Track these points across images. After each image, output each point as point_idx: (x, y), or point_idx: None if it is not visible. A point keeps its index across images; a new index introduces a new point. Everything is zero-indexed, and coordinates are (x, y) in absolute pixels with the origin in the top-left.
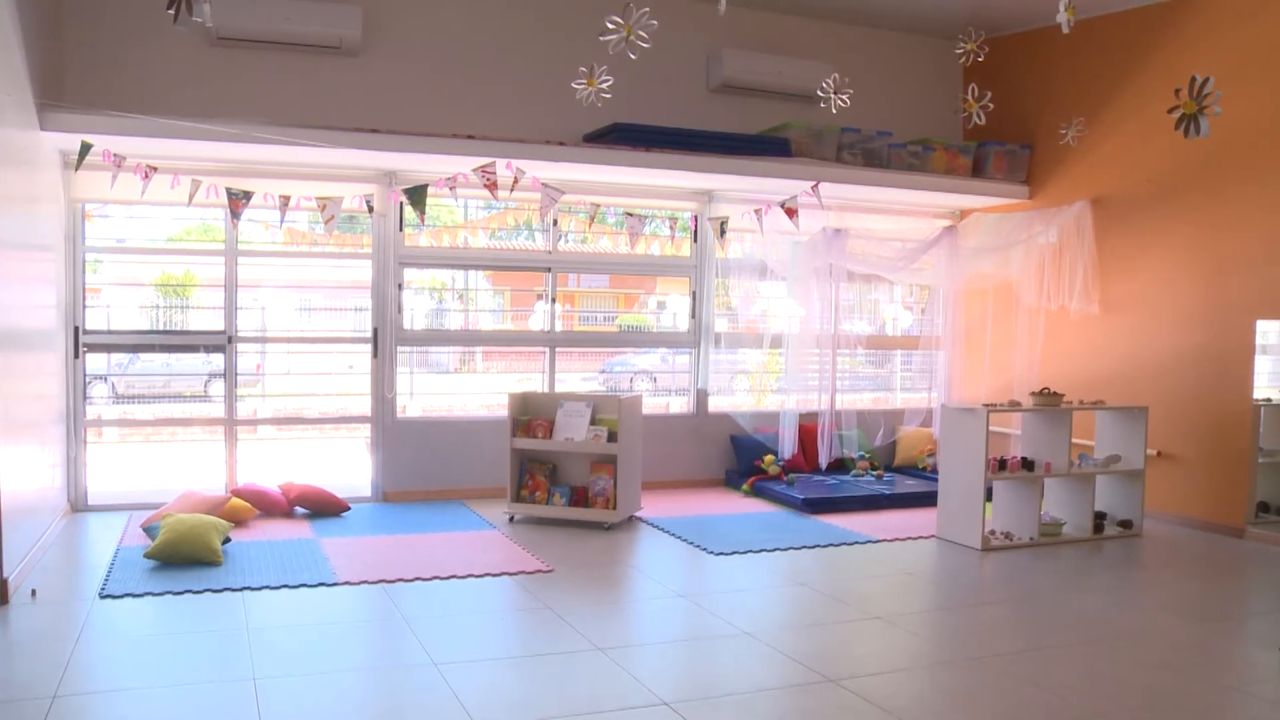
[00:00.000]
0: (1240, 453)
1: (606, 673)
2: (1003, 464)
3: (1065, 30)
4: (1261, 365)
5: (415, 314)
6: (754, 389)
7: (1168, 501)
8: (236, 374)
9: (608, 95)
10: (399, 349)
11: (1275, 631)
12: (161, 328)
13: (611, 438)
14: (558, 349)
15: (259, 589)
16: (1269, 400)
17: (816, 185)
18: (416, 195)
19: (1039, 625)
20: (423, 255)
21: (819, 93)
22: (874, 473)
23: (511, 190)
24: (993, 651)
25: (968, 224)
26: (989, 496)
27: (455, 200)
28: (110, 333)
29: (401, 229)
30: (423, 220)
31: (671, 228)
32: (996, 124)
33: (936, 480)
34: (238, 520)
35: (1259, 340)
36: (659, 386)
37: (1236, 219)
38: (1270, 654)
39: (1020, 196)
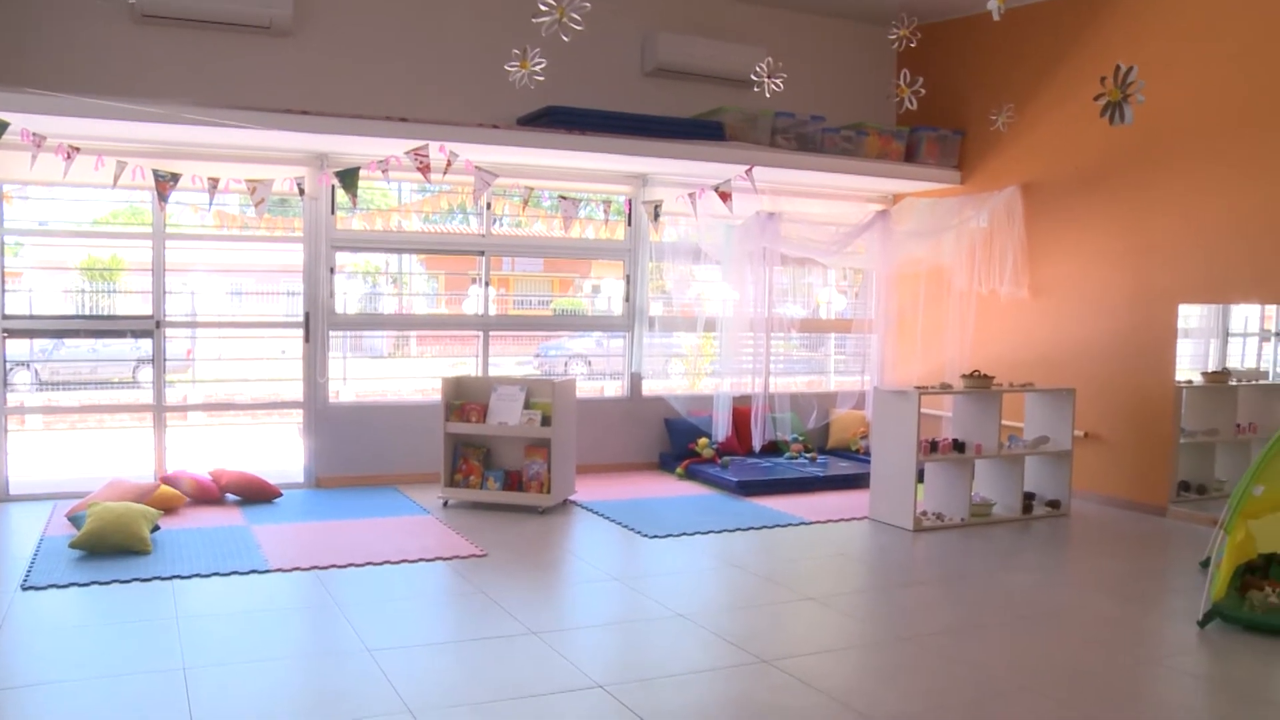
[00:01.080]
0: (1163, 434)
1: (541, 656)
2: (934, 446)
3: (996, 18)
4: (1183, 348)
5: (348, 298)
6: (688, 372)
7: (1094, 482)
8: (165, 360)
9: (541, 78)
10: (331, 333)
11: (1194, 607)
12: (87, 312)
13: (545, 421)
14: (492, 333)
15: (189, 577)
16: (1190, 382)
17: (750, 169)
18: (348, 178)
19: (969, 604)
20: (355, 239)
21: (753, 77)
22: (807, 455)
23: (445, 173)
24: (924, 631)
25: (900, 208)
26: (920, 478)
27: (388, 183)
28: (33, 318)
29: (334, 212)
30: (355, 203)
31: (606, 211)
32: (929, 110)
33: (869, 462)
34: (167, 508)
35: (1181, 324)
36: (594, 370)
37: (1160, 205)
38: (1190, 628)
39: (952, 181)
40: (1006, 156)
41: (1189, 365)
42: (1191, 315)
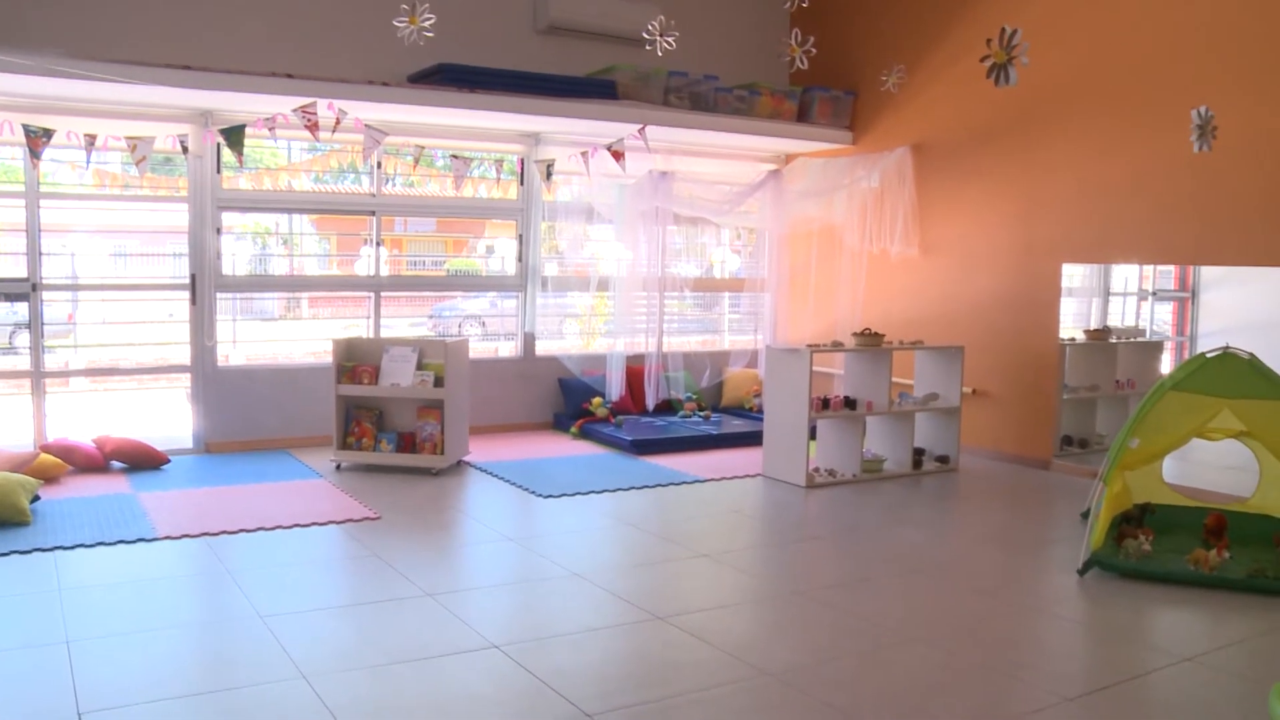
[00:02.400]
0: (1047, 390)
1: (436, 618)
2: (826, 403)
3: None
4: (1067, 307)
5: (236, 260)
6: (582, 332)
7: (982, 437)
8: (43, 324)
9: (430, 34)
10: (219, 296)
11: (1075, 556)
12: None
13: (438, 382)
14: (385, 294)
15: (72, 548)
16: (1073, 340)
17: (643, 128)
18: (233, 136)
19: (861, 558)
20: (243, 199)
21: (645, 35)
22: (701, 413)
23: (333, 131)
24: (816, 585)
25: (793, 168)
26: (813, 435)
27: (275, 142)
28: None
29: (219, 171)
30: (241, 162)
31: (498, 170)
32: (821, 70)
33: (762, 420)
34: (47, 477)
35: (1065, 283)
36: (488, 331)
37: (1045, 166)
38: (1070, 577)
39: (844, 142)
40: (898, 117)
41: (1072, 324)
42: (1075, 275)
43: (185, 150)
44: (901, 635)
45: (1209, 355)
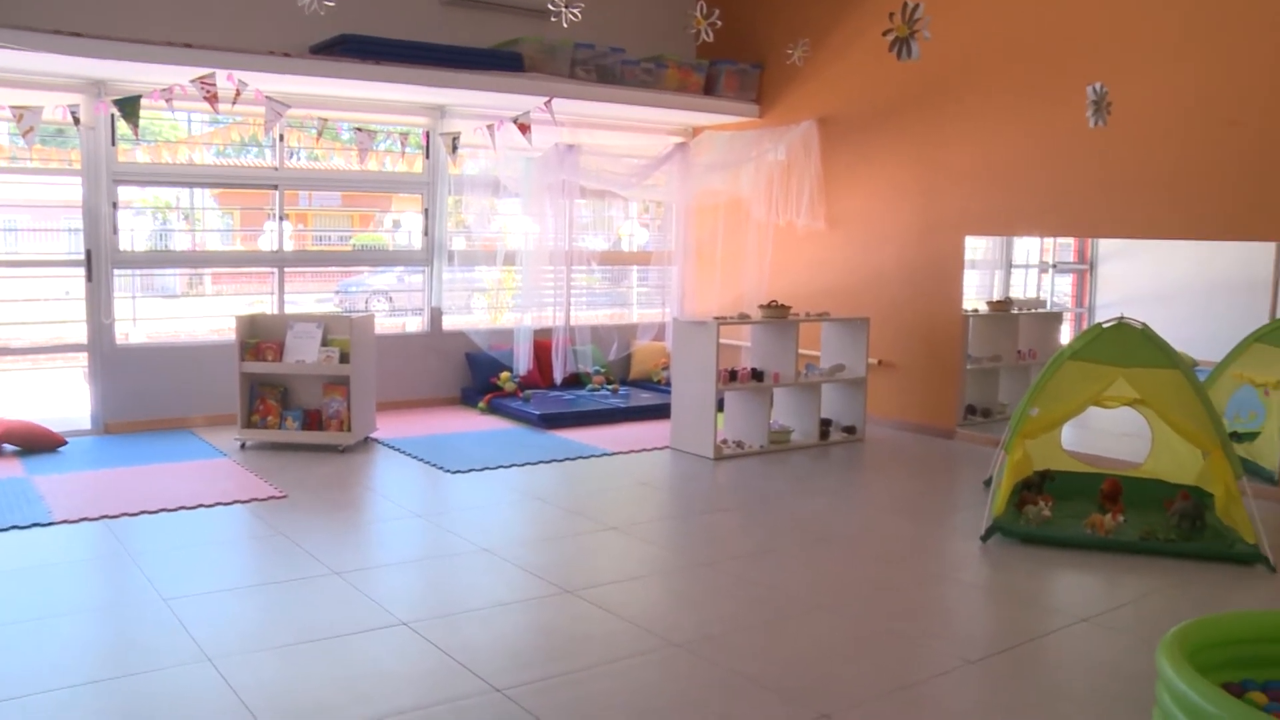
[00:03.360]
0: (952, 360)
1: (344, 597)
2: (733, 375)
3: None
4: (970, 279)
5: (135, 235)
6: (491, 306)
7: (888, 407)
8: None
9: (331, 4)
10: (117, 272)
11: (977, 523)
12: None
13: (344, 359)
14: (291, 270)
15: None
16: (976, 311)
17: (549, 101)
18: (128, 107)
19: (768, 529)
20: (140, 172)
21: (550, 7)
22: (609, 387)
23: (234, 103)
24: (724, 555)
25: (700, 141)
26: (720, 407)
27: (173, 114)
28: None
29: (115, 144)
30: (137, 134)
31: (403, 144)
32: (728, 43)
33: (670, 393)
34: None
35: (968, 255)
36: (395, 306)
37: (950, 140)
38: (973, 543)
39: (751, 115)
40: (804, 91)
41: (975, 295)
42: (978, 247)
43: (77, 121)
44: (808, 604)
45: (1105, 325)
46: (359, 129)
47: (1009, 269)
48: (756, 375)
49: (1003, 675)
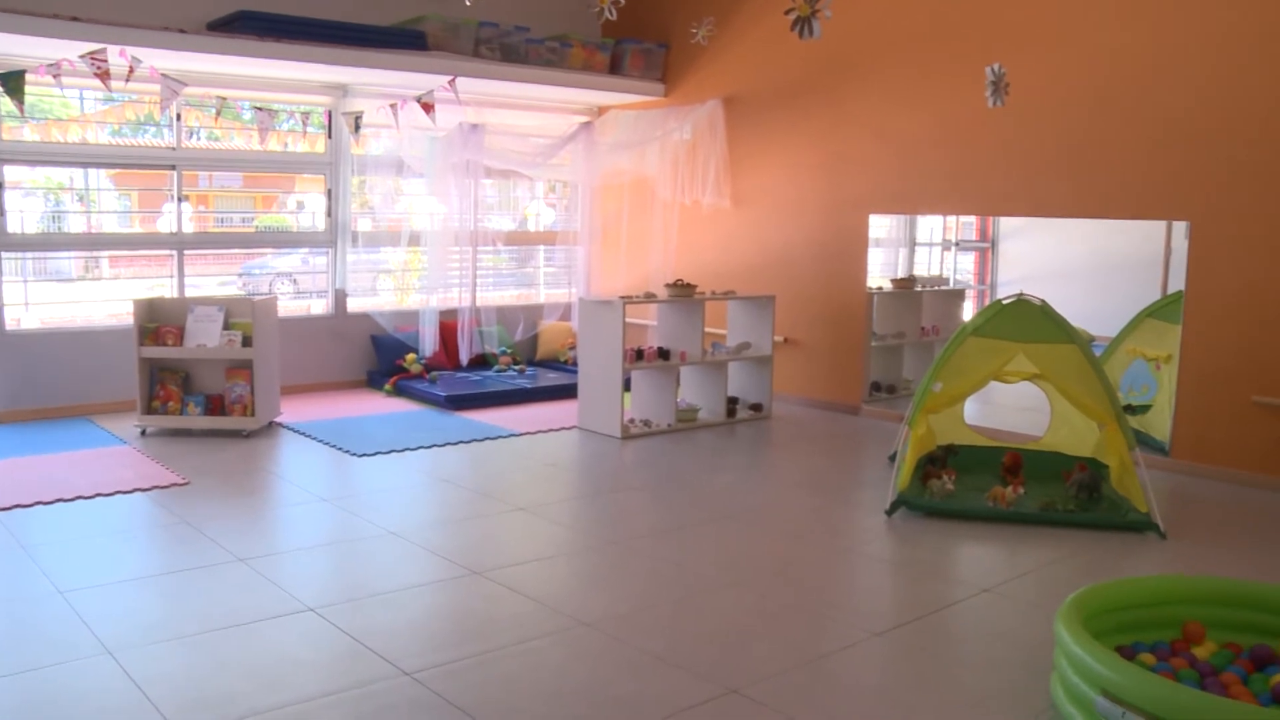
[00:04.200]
0: (856, 338)
1: (249, 584)
2: (640, 354)
3: None
4: (874, 257)
5: (26, 216)
6: (396, 288)
7: (794, 384)
8: None
9: None
10: (5, 255)
11: (882, 498)
12: None
13: (246, 342)
14: (191, 252)
15: None
16: (880, 289)
17: (453, 80)
18: (12, 83)
19: (676, 507)
20: (29, 151)
21: None
22: (516, 367)
23: (127, 81)
24: (632, 534)
25: (605, 120)
26: (627, 386)
27: (63, 90)
28: None
29: None
30: (22, 112)
31: (305, 123)
32: (633, 22)
33: (577, 373)
34: None
35: (872, 234)
36: (300, 289)
37: (852, 119)
38: (879, 518)
39: (656, 94)
40: (709, 70)
41: (880, 273)
42: (882, 226)
43: None
44: (716, 580)
45: (1005, 302)
46: (259, 108)
47: (913, 247)
48: (663, 354)
49: (907, 646)
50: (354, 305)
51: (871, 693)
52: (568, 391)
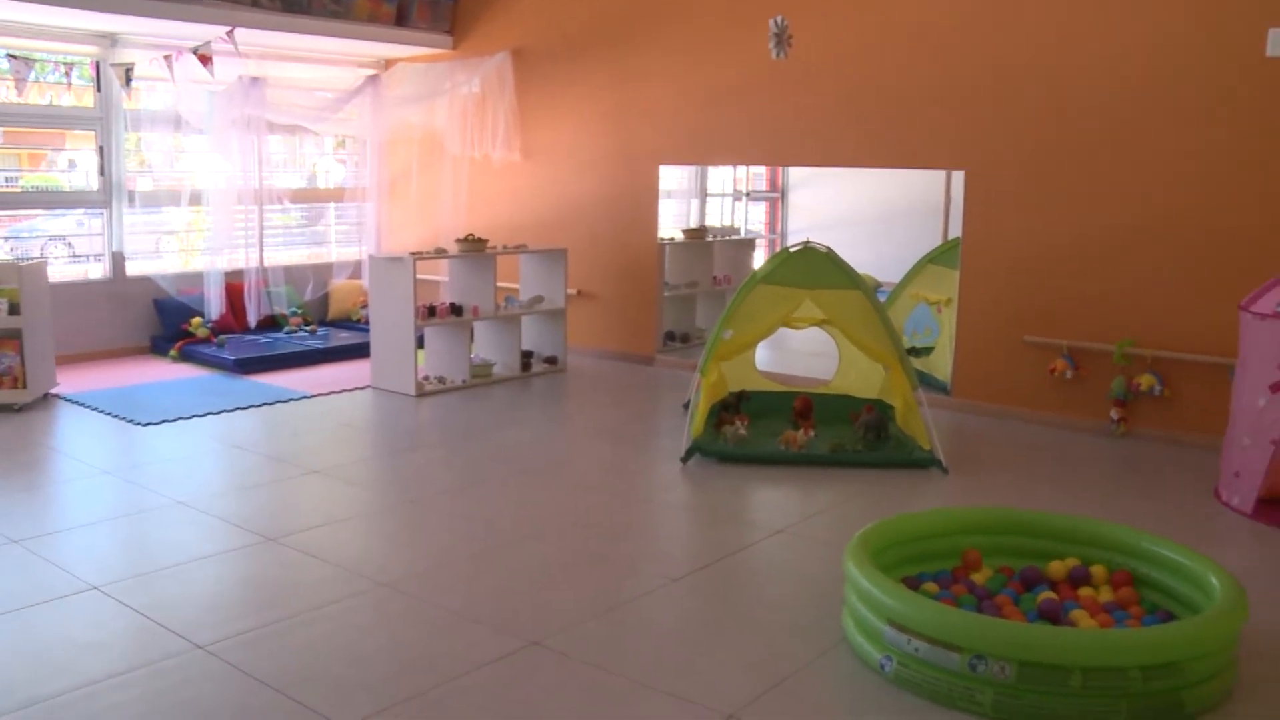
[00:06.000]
0: (649, 288)
1: (24, 565)
2: (432, 311)
3: None
4: (667, 208)
5: None
6: (181, 249)
7: (588, 337)
8: None
9: None
10: None
11: (678, 445)
12: None
13: (14, 310)
14: None
15: None
16: (672, 239)
17: (232, 31)
18: None
19: (473, 463)
20: None
21: None
22: (307, 328)
23: None
24: (430, 492)
25: (393, 74)
26: (420, 344)
27: None
28: None
29: None
30: None
31: (68, 74)
32: None
33: (369, 331)
34: None
35: (664, 185)
36: (76, 253)
37: (642, 71)
38: (675, 465)
39: (444, 46)
40: (498, 22)
41: (672, 224)
42: (675, 177)
43: None
44: (515, 534)
45: (792, 250)
46: (14, 56)
47: (704, 198)
48: (455, 310)
49: (705, 590)
50: (134, 268)
51: (671, 636)
52: (360, 351)
